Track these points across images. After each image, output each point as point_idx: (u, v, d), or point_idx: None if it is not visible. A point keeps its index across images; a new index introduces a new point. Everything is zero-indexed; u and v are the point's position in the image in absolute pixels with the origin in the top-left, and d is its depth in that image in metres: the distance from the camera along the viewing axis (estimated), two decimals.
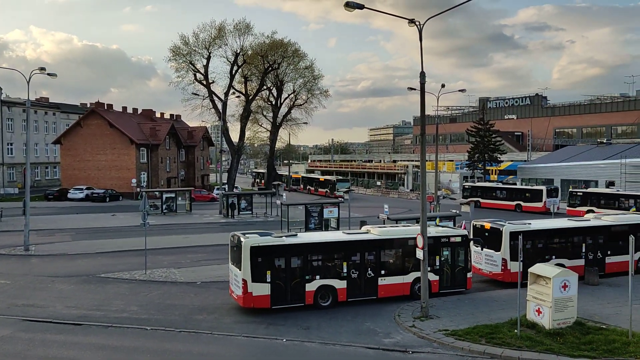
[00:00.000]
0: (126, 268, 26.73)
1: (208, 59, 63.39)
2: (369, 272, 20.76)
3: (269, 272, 19.26)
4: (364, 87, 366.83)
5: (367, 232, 22.01)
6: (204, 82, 63.63)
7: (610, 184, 57.60)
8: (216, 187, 70.11)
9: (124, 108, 73.29)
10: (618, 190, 50.59)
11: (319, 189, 76.51)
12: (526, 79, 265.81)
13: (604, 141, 77.11)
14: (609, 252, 25.37)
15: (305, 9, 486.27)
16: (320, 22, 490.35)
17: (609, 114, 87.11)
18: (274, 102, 73.07)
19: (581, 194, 50.32)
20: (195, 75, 63.96)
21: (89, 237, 37.13)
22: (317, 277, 20.02)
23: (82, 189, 61.86)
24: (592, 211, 42.53)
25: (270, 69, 66.64)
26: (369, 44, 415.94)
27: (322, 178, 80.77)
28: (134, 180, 62.40)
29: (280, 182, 72.95)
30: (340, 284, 20.31)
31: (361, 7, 18.03)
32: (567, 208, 49.79)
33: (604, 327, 17.34)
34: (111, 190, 62.45)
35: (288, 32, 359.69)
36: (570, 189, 53.16)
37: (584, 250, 24.93)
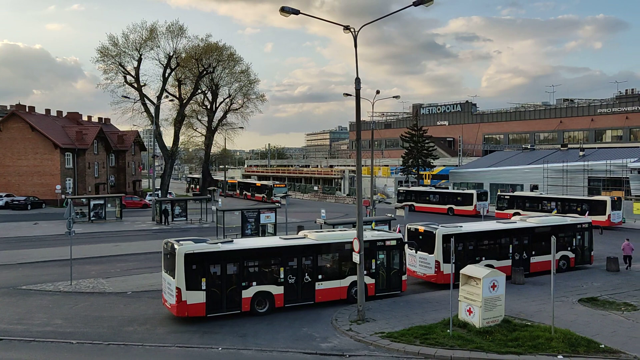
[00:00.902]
0: (50, 279, 25.32)
1: (139, 61, 61.42)
2: (306, 277, 20.71)
3: (204, 280, 18.79)
4: (300, 92, 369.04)
5: (304, 237, 21.96)
6: (135, 85, 61.57)
7: (534, 187, 60.71)
8: (149, 193, 68.02)
9: (47, 111, 69.74)
10: (541, 194, 53.37)
11: (256, 194, 75.89)
12: (457, 87, 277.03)
13: (528, 147, 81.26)
14: (533, 253, 26.64)
15: (241, 12, 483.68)
16: (257, 27, 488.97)
17: (532, 121, 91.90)
18: (209, 107, 71.90)
19: (508, 197, 52.65)
20: (125, 77, 61.76)
21: (10, 247, 34.97)
22: (254, 283, 19.74)
23: (1, 197, 58.24)
24: (519, 214, 44.68)
25: (204, 72, 65.50)
26: (305, 49, 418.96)
27: (258, 183, 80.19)
28: (58, 187, 59.43)
29: (215, 188, 71.75)
30: (277, 290, 20.12)
31: (297, 12, 18.05)
32: (496, 211, 51.97)
33: (529, 324, 18.11)
34: (33, 198, 59.16)
35: (223, 36, 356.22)
36: (498, 193, 55.52)
37: (511, 251, 26.04)
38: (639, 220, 47.88)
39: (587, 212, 42.78)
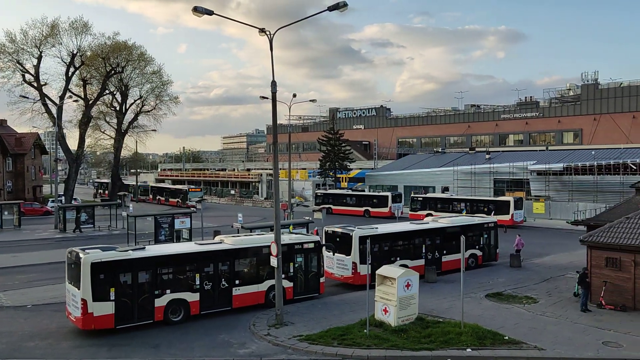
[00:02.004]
0: None
1: (39, 58, 57.34)
2: (223, 282, 20.24)
3: (112, 290, 17.79)
4: (217, 94, 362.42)
5: (220, 242, 21.47)
6: (35, 84, 57.41)
7: (445, 189, 63.47)
8: (51, 199, 63.75)
9: None
10: (452, 195, 55.86)
11: (170, 199, 73.52)
12: (372, 91, 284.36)
13: (440, 150, 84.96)
14: (445, 252, 27.75)
15: (153, 11, 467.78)
16: (170, 26, 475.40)
17: (443, 125, 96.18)
18: (118, 108, 68.54)
19: (421, 199, 54.62)
20: (24, 76, 57.41)
21: None
22: (168, 291, 18.98)
23: None
24: (431, 215, 46.41)
25: (112, 72, 62.37)
26: (221, 51, 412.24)
27: (173, 187, 77.73)
28: None
29: (126, 193, 68.53)
30: (192, 297, 19.48)
31: (210, 12, 17.61)
32: (410, 212, 53.72)
33: (441, 320, 18.80)
34: None
35: (133, 35, 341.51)
36: (412, 195, 57.47)
37: (424, 251, 26.96)
38: (538, 219, 51.41)
39: (493, 212, 45.32)
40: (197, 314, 19.51)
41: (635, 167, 50.06)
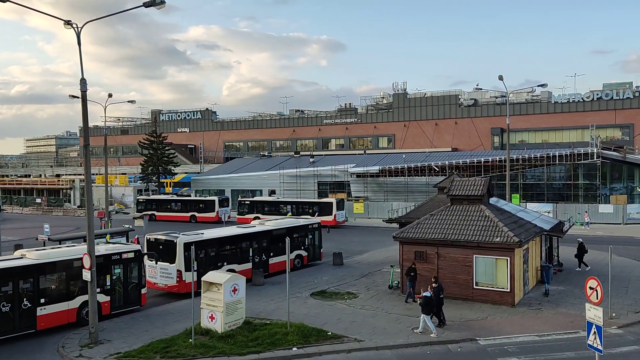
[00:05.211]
0: None
1: None
2: (25, 302, 17.88)
3: None
4: (19, 91, 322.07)
5: (21, 258, 19.01)
6: None
7: (272, 192, 64.61)
8: None
9: None
10: (278, 198, 57.05)
11: None
12: (199, 94, 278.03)
13: (266, 154, 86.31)
14: (271, 254, 28.06)
15: None
16: None
17: (269, 129, 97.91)
18: None
19: (248, 202, 54.78)
20: None
21: None
22: None
23: None
24: (258, 218, 46.83)
25: None
26: (24, 43, 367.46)
27: None
28: None
29: None
30: None
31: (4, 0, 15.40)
32: (237, 216, 53.52)
33: (268, 322, 18.90)
34: None
35: None
36: (239, 198, 57.34)
37: (251, 255, 26.95)
38: (358, 219, 54.99)
39: (317, 213, 47.23)
40: None
41: (438, 169, 56.28)
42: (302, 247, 30.24)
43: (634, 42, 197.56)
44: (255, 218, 47.31)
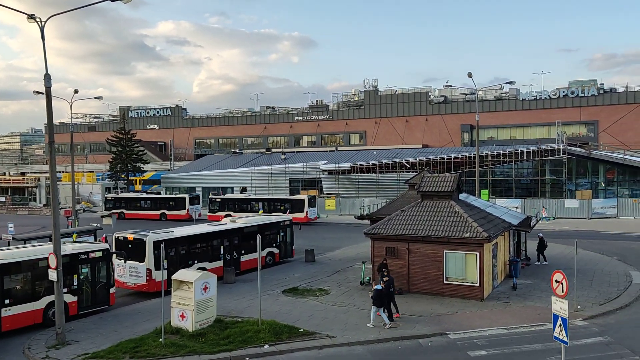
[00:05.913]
0: None
1: None
2: None
3: None
4: None
5: None
6: None
7: (243, 189, 64.20)
8: None
9: None
10: (250, 195, 56.71)
11: None
12: (169, 90, 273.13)
13: (237, 151, 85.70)
14: (243, 252, 27.89)
15: None
16: None
17: (240, 126, 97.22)
18: None
19: (219, 200, 54.33)
20: None
21: None
22: None
23: None
24: (230, 215, 46.52)
25: None
26: None
27: None
28: None
29: None
30: None
31: None
32: (208, 214, 53.06)
33: (239, 320, 18.78)
34: None
35: None
36: (210, 196, 56.83)
37: (222, 252, 26.73)
38: (330, 215, 55.12)
39: (289, 211, 47.16)
40: None
41: (408, 166, 56.80)
42: (274, 245, 30.15)
43: (599, 40, 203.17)
44: (226, 216, 47.00)
